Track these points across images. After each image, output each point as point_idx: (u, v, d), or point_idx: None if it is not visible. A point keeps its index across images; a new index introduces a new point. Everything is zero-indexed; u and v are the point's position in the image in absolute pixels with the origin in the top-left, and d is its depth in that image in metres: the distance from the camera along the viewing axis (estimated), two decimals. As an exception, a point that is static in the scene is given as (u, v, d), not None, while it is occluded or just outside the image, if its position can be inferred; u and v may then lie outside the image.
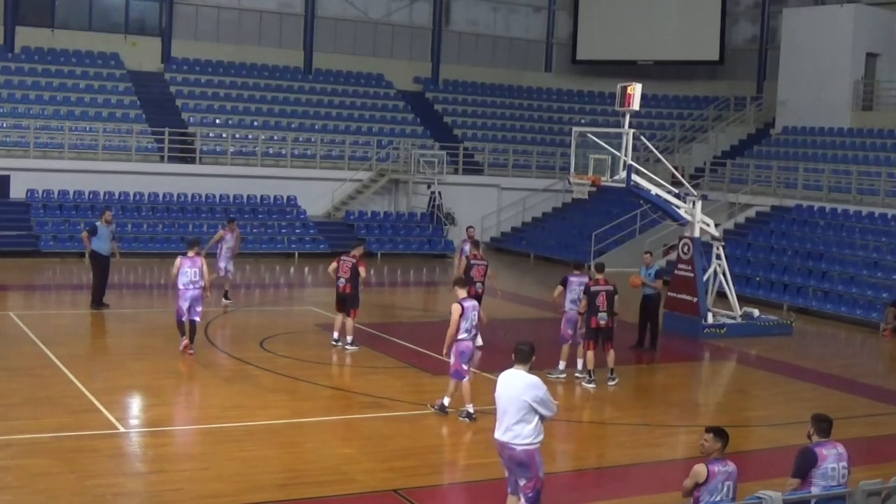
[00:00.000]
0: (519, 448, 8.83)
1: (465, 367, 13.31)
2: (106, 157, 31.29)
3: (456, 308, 13.15)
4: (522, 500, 8.93)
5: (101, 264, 20.53)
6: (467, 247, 21.12)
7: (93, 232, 20.36)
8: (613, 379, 16.05)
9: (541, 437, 8.90)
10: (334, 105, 37.25)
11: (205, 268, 16.46)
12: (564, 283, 16.45)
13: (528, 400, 8.85)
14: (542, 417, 8.90)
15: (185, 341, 16.43)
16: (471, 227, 22.18)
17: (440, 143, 36.13)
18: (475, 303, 13.64)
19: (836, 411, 12.97)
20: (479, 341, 16.05)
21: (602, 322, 15.70)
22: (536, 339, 20.59)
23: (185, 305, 16.31)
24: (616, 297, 15.93)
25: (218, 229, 23.42)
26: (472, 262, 18.77)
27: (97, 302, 20.39)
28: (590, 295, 15.79)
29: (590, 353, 15.83)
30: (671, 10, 40.42)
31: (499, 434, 8.95)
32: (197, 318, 16.54)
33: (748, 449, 12.74)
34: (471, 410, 13.34)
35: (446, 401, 13.52)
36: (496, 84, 41.40)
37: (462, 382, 13.36)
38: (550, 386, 15.34)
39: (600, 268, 16.48)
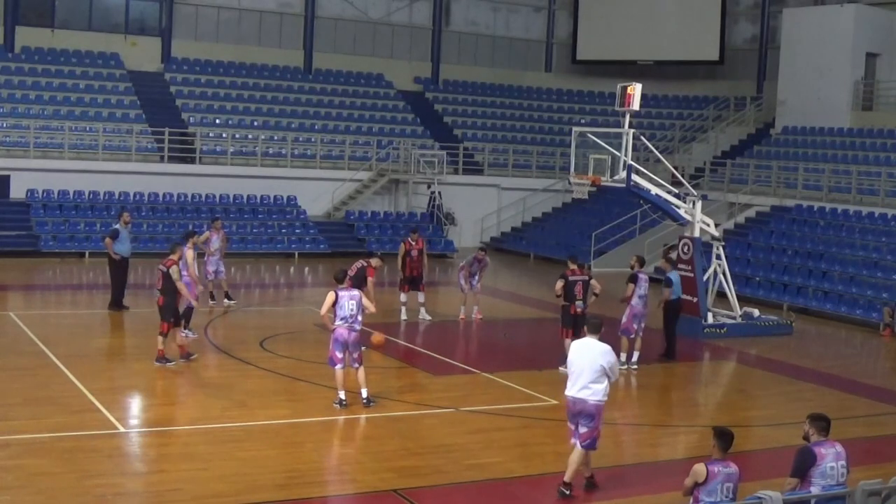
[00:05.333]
0: (592, 402, 10.52)
1: (338, 354, 13.46)
2: (106, 157, 31.28)
3: (329, 295, 13.48)
4: (578, 445, 10.59)
5: (122, 266, 20.44)
6: (474, 266, 21.03)
7: (114, 236, 20.32)
8: None
9: (607, 397, 10.69)
10: (334, 105, 37.25)
11: (187, 259, 17.45)
12: (635, 279, 17.18)
13: (603, 364, 10.52)
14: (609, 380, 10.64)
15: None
16: (483, 249, 22.06)
17: (440, 143, 36.13)
18: (355, 293, 13.68)
19: (836, 411, 12.99)
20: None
21: (579, 309, 16.49)
22: (536, 339, 20.70)
23: None
24: (591, 283, 16.74)
25: (204, 230, 23.23)
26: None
27: (118, 304, 20.33)
28: (568, 284, 16.54)
29: (567, 340, 16.32)
30: (671, 10, 40.41)
31: (574, 392, 10.57)
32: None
33: (748, 449, 12.73)
34: (342, 397, 13.55)
35: (342, 394, 13.61)
36: (496, 84, 41.40)
37: (335, 369, 13.52)
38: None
39: (574, 259, 17.27)
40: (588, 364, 10.51)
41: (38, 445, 11.52)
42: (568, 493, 10.58)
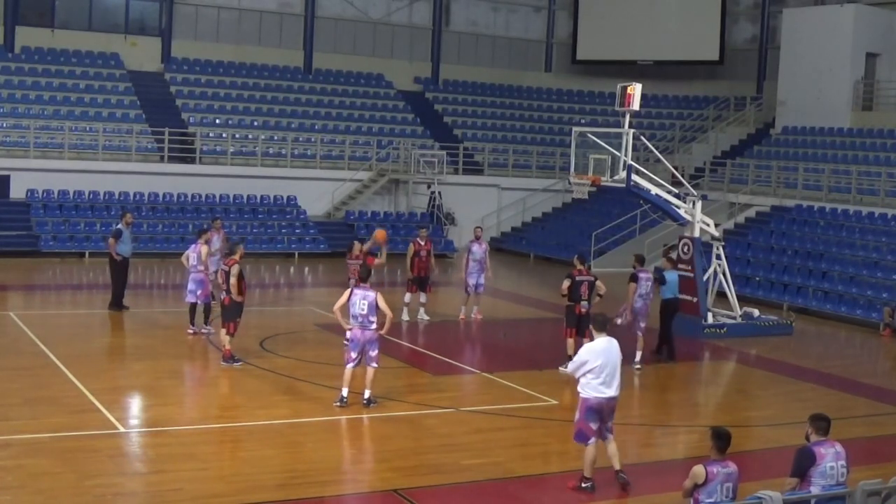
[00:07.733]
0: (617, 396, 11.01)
1: (353, 354, 13.60)
2: (106, 157, 31.28)
3: (345, 293, 13.76)
4: (612, 439, 11.04)
5: (122, 266, 20.42)
6: (475, 247, 21.16)
7: (118, 236, 20.31)
8: None
9: None
10: (334, 105, 37.25)
11: (201, 254, 18.08)
12: (635, 279, 17.15)
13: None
14: None
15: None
16: (478, 227, 22.29)
17: (440, 143, 36.13)
18: (370, 293, 13.62)
19: (836, 411, 12.99)
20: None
21: (584, 309, 16.48)
22: (536, 339, 20.70)
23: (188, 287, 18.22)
24: (596, 284, 16.66)
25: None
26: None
27: (118, 304, 20.28)
28: (574, 284, 16.55)
29: (570, 340, 16.47)
30: (671, 10, 40.40)
31: (612, 392, 10.82)
32: (190, 299, 18.10)
33: (748, 449, 12.73)
34: (344, 395, 13.62)
35: (344, 391, 13.65)
36: (496, 84, 41.40)
37: (346, 367, 13.66)
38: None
39: (582, 259, 17.10)
40: (618, 361, 10.86)
41: (38, 445, 11.51)
42: (626, 476, 10.97)
